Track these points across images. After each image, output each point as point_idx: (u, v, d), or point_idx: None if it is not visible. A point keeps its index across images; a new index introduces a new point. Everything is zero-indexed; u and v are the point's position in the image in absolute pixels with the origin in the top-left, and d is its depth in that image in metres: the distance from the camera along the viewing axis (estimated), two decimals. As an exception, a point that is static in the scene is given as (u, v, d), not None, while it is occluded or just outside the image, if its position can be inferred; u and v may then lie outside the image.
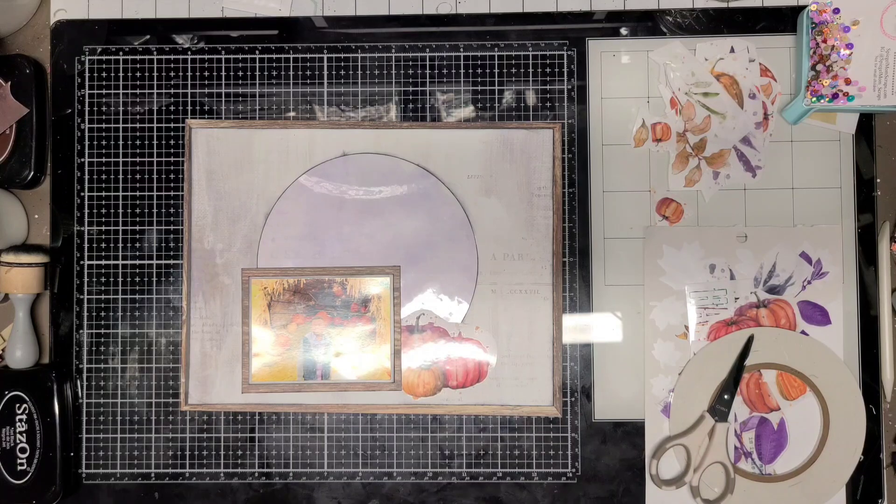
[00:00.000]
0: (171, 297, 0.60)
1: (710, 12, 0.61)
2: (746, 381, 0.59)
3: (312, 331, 0.59)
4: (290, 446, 0.59)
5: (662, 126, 0.60)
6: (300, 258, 0.60)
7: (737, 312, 0.59)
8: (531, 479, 0.59)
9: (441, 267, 0.60)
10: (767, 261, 0.59)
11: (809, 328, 0.59)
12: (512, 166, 0.60)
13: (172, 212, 0.60)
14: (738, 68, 0.60)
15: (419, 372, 0.59)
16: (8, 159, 0.59)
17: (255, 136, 0.60)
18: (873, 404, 0.59)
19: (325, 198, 0.60)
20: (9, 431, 0.58)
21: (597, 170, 0.60)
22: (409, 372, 0.59)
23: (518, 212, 0.60)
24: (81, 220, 0.61)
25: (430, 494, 0.59)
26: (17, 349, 0.59)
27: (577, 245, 0.60)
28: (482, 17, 0.61)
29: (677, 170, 0.60)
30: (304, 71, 0.61)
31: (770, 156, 0.60)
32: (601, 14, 0.61)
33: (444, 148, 0.60)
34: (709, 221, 0.60)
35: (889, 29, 0.56)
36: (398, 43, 0.61)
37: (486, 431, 0.59)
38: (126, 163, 0.61)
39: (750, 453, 0.59)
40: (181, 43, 0.61)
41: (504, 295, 0.60)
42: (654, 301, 0.60)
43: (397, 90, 0.61)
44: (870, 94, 0.57)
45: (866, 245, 0.60)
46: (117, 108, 0.61)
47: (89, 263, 0.60)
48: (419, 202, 0.60)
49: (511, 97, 0.60)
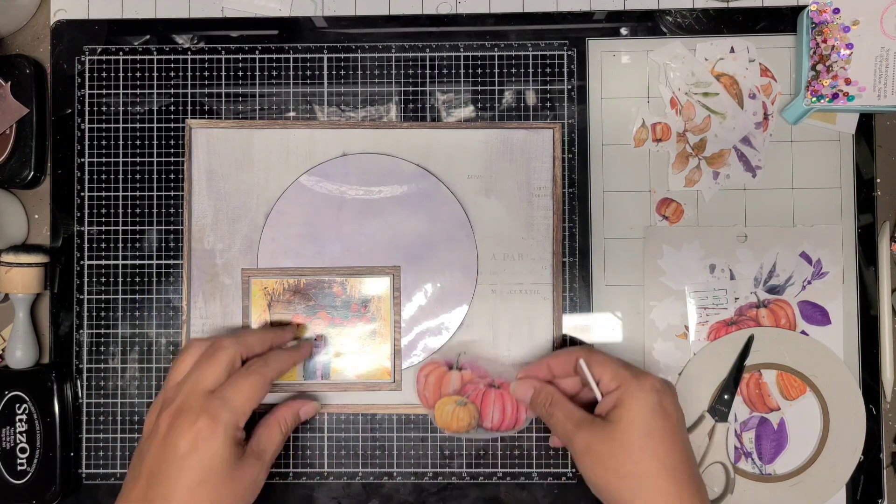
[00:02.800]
0: (171, 297, 0.60)
1: (710, 12, 0.61)
2: (746, 381, 0.59)
3: (312, 331, 0.59)
4: (290, 446, 0.59)
5: (662, 126, 0.60)
6: (300, 258, 0.60)
7: (737, 312, 0.59)
8: (531, 479, 0.59)
9: (441, 267, 0.60)
10: (767, 261, 0.59)
11: (809, 328, 0.59)
12: (512, 166, 0.60)
13: (172, 212, 0.60)
14: (738, 68, 0.60)
15: (455, 408, 0.58)
16: (8, 159, 0.59)
17: (255, 136, 0.61)
18: (873, 404, 0.59)
19: (325, 198, 0.60)
20: (9, 431, 0.58)
21: (597, 170, 0.60)
22: (443, 406, 0.58)
23: (518, 212, 0.60)
24: (81, 220, 0.61)
25: (430, 494, 0.59)
26: (17, 349, 0.59)
27: (577, 245, 0.60)
28: (482, 17, 0.61)
29: (677, 170, 0.60)
30: (304, 71, 0.61)
31: (770, 156, 0.60)
32: (601, 14, 0.61)
33: (444, 148, 0.60)
34: (709, 221, 0.60)
35: (889, 29, 0.56)
36: (398, 43, 0.61)
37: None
38: (126, 163, 0.61)
39: (750, 453, 0.59)
40: (181, 43, 0.61)
41: (504, 295, 0.60)
42: (654, 301, 0.60)
43: (397, 90, 0.61)
44: (870, 94, 0.57)
45: (866, 245, 0.60)
46: (117, 108, 0.61)
47: (89, 263, 0.60)
48: (419, 202, 0.60)
49: (511, 97, 0.60)
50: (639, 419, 0.48)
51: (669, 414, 0.48)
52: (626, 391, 0.49)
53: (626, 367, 0.51)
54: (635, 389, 0.49)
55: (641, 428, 0.47)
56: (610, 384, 0.50)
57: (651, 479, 0.47)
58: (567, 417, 0.51)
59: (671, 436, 0.48)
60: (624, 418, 0.48)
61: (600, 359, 0.52)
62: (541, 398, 0.53)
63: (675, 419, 0.49)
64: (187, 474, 0.47)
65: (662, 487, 0.47)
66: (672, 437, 0.48)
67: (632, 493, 0.47)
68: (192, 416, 0.48)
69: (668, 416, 0.48)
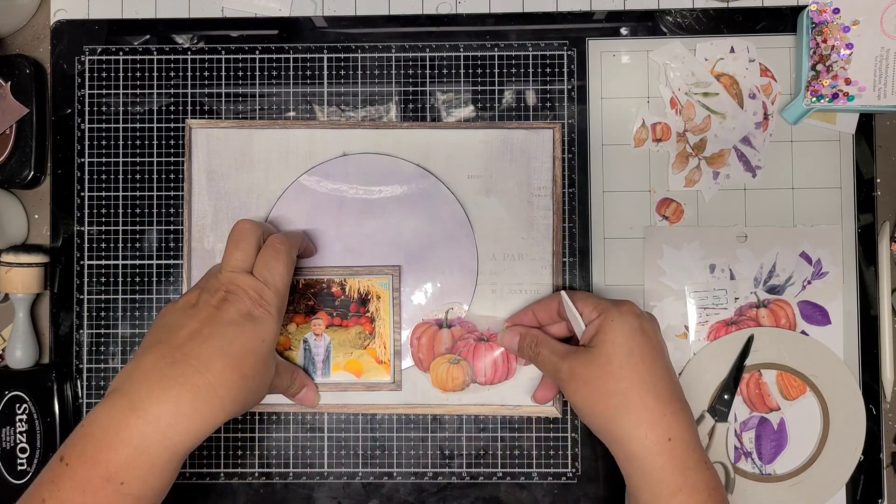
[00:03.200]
0: (171, 297, 0.60)
1: (710, 12, 0.61)
2: (746, 381, 0.59)
3: (312, 331, 0.59)
4: (290, 446, 0.59)
5: (662, 126, 0.60)
6: (300, 258, 0.60)
7: (737, 312, 0.59)
8: (531, 479, 0.59)
9: (441, 267, 0.60)
10: (767, 261, 0.59)
11: (809, 328, 0.59)
12: (512, 166, 0.60)
13: (172, 212, 0.60)
14: (738, 68, 0.60)
15: (448, 367, 0.59)
16: (8, 159, 0.59)
17: (255, 136, 0.61)
18: (873, 404, 0.59)
19: (325, 197, 0.60)
20: (9, 431, 0.58)
21: (597, 170, 0.60)
22: (437, 367, 0.59)
23: (518, 212, 0.60)
24: (81, 220, 0.61)
25: (430, 494, 0.59)
26: (17, 349, 0.59)
27: (577, 245, 0.60)
28: (482, 17, 0.61)
29: (677, 170, 0.60)
30: (304, 71, 0.61)
31: (770, 156, 0.60)
32: (601, 14, 0.61)
33: (444, 148, 0.60)
34: (709, 221, 0.60)
35: (889, 29, 0.56)
36: (398, 43, 0.61)
37: (486, 431, 0.59)
38: (126, 163, 0.61)
39: (750, 453, 0.59)
40: (181, 43, 0.61)
41: (504, 295, 0.60)
42: (654, 301, 0.60)
43: (397, 90, 0.61)
44: (870, 94, 0.57)
45: (866, 245, 0.60)
46: (117, 108, 0.61)
47: (89, 263, 0.60)
48: (419, 202, 0.60)
49: (511, 97, 0.60)
50: (619, 340, 0.49)
51: (650, 336, 0.49)
52: (606, 317, 0.50)
53: (608, 299, 0.52)
54: (615, 315, 0.50)
55: (623, 347, 0.49)
56: (592, 314, 0.51)
57: (634, 395, 0.48)
58: (552, 352, 0.52)
59: (651, 355, 0.49)
60: (605, 341, 0.49)
61: (582, 294, 0.53)
62: (527, 342, 0.55)
63: (655, 342, 0.50)
64: (244, 339, 0.47)
65: (646, 402, 0.47)
66: (653, 356, 0.49)
67: (616, 411, 0.48)
68: (244, 295, 0.48)
69: (649, 338, 0.49)
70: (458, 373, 0.59)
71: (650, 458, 0.47)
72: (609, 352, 0.49)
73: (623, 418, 0.48)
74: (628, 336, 0.49)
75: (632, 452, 0.47)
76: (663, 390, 0.48)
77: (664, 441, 0.47)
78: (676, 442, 0.47)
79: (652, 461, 0.47)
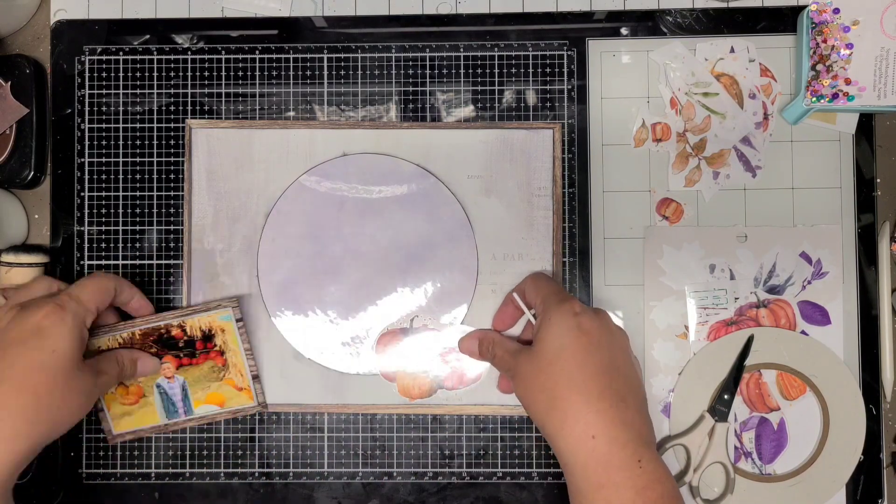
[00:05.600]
0: (171, 297, 0.60)
1: (710, 12, 0.61)
2: (746, 381, 0.59)
3: (163, 375, 0.58)
4: (290, 446, 0.60)
5: (662, 126, 0.60)
6: (300, 258, 0.60)
7: (737, 312, 0.59)
8: (531, 479, 0.59)
9: (441, 267, 0.60)
10: (767, 261, 0.59)
11: (809, 328, 0.59)
12: (512, 166, 0.60)
13: (172, 212, 0.60)
14: (738, 68, 0.60)
15: (414, 375, 0.59)
16: (8, 159, 0.59)
17: (255, 136, 0.60)
18: (873, 404, 0.59)
19: (326, 198, 0.60)
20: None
21: (597, 170, 0.60)
22: (403, 375, 0.59)
23: (518, 212, 0.60)
24: (81, 220, 0.61)
25: (430, 494, 0.59)
26: (17, 349, 0.59)
27: (577, 245, 0.60)
28: (482, 17, 0.61)
29: (677, 170, 0.60)
30: (304, 71, 0.61)
31: (770, 156, 0.60)
32: (601, 14, 0.61)
33: (444, 148, 0.60)
34: (709, 221, 0.60)
35: (889, 29, 0.56)
36: (398, 43, 0.61)
37: (486, 431, 0.59)
38: (126, 163, 0.61)
39: (750, 453, 0.59)
40: (181, 43, 0.61)
41: (504, 295, 0.59)
42: (654, 301, 0.60)
43: (397, 90, 0.61)
44: (870, 94, 0.57)
45: (866, 245, 0.60)
46: (117, 108, 0.61)
47: (89, 263, 0.60)
48: (419, 202, 0.60)
49: (511, 97, 0.60)
50: (551, 337, 0.50)
51: (587, 332, 0.49)
52: (545, 315, 0.51)
53: (558, 293, 0.53)
54: (553, 313, 0.51)
55: (554, 344, 0.49)
56: (539, 310, 0.53)
57: (561, 391, 0.48)
58: (505, 351, 0.54)
59: (583, 353, 0.49)
60: (540, 338, 0.51)
61: (535, 286, 0.54)
62: (484, 345, 0.57)
63: (595, 339, 0.50)
64: (29, 355, 0.46)
65: (571, 399, 0.48)
66: (584, 354, 0.49)
67: (545, 406, 0.49)
68: (36, 306, 0.48)
69: (585, 335, 0.49)
70: (424, 380, 0.59)
71: (572, 455, 0.48)
72: (542, 349, 0.50)
73: (551, 414, 0.49)
74: (561, 333, 0.50)
75: (558, 448, 0.49)
76: (592, 388, 0.48)
77: (587, 438, 0.47)
78: (601, 439, 0.47)
79: (574, 457, 0.48)
